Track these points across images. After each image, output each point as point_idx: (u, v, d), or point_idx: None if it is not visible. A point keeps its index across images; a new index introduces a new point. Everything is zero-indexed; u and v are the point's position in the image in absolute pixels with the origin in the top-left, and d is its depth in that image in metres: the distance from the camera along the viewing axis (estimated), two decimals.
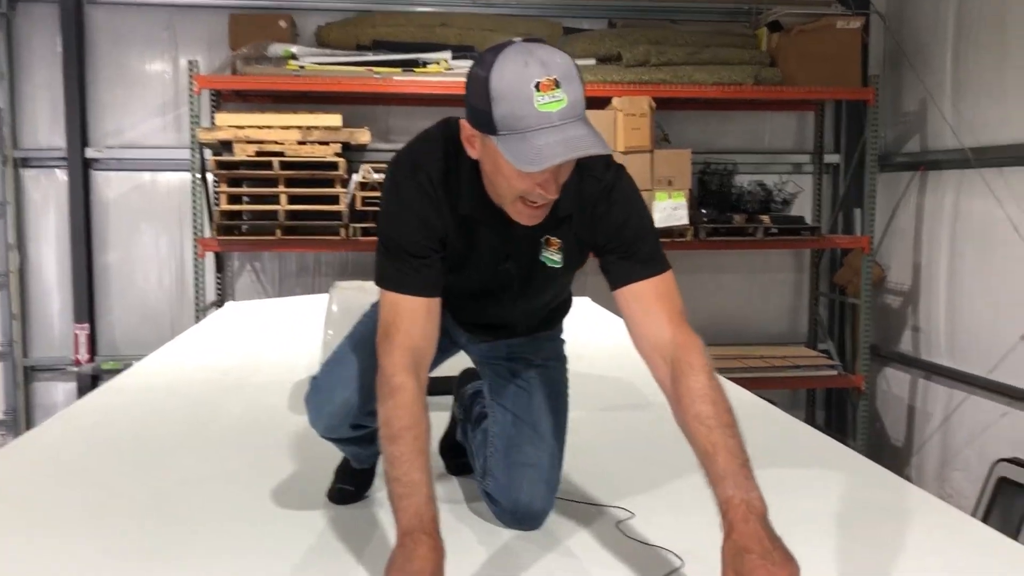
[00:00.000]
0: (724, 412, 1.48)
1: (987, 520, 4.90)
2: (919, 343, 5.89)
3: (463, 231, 1.68)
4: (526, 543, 1.86)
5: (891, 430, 6.18)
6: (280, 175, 5.20)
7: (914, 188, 5.89)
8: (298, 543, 1.86)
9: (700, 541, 1.68)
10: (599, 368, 3.42)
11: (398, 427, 1.55)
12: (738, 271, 6.37)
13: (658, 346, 1.59)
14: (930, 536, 1.92)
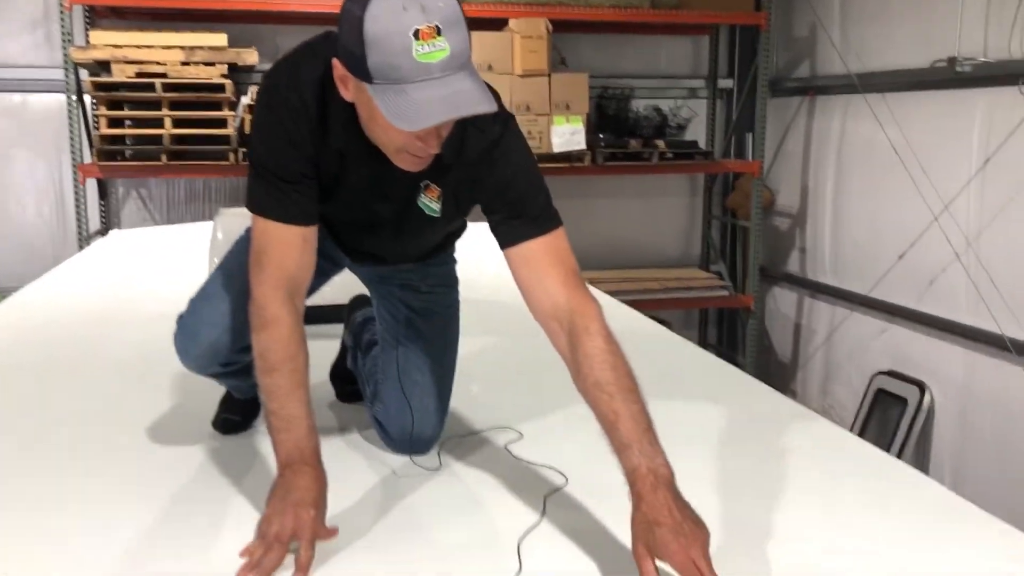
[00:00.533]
0: (624, 377, 1.44)
1: (865, 430, 5.19)
2: (805, 264, 6.11)
3: (336, 162, 1.60)
4: (414, 468, 1.87)
5: (778, 347, 6.44)
6: (163, 97, 4.96)
7: (803, 113, 6.03)
8: (179, 475, 1.83)
9: (584, 460, 1.73)
10: (495, 295, 3.44)
11: (274, 360, 1.51)
12: (634, 196, 6.45)
13: (553, 311, 1.53)
14: (811, 450, 2.02)
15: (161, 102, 4.98)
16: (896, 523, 1.65)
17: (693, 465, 1.78)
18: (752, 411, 2.29)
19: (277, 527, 1.41)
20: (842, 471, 1.91)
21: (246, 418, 2.03)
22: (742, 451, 1.99)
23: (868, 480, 1.87)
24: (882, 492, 1.81)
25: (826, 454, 2.01)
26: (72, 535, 1.57)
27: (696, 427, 2.12)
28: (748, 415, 2.26)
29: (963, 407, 4.70)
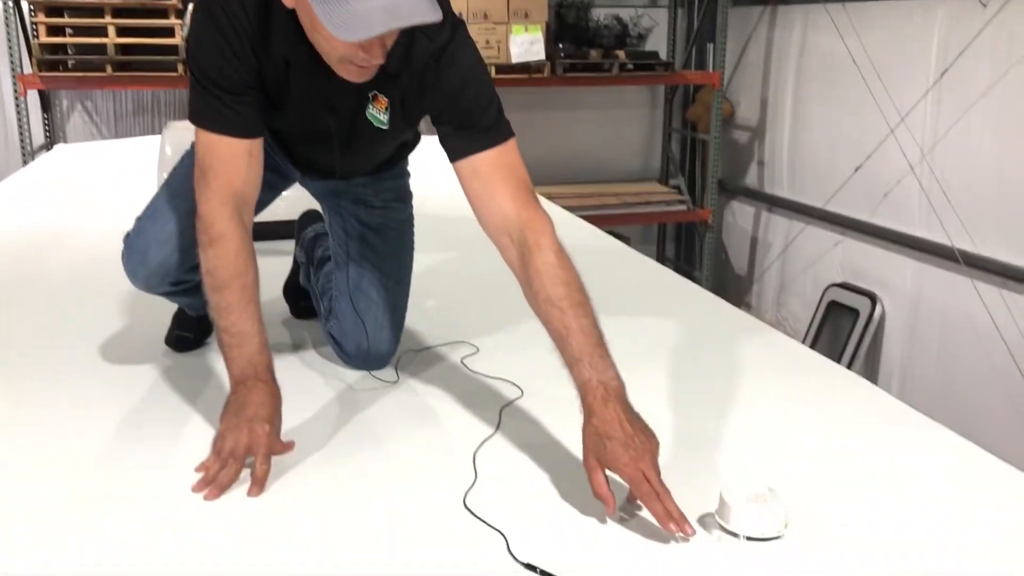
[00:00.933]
0: (576, 292, 1.42)
1: (817, 341, 5.31)
2: (763, 177, 6.13)
3: (280, 73, 1.54)
4: (371, 382, 1.88)
5: (735, 261, 6.50)
6: (106, 4, 4.75)
7: (764, 23, 5.96)
8: (132, 394, 1.81)
9: (539, 374, 1.75)
10: (450, 209, 3.41)
11: (223, 277, 1.49)
12: (594, 107, 6.37)
13: (504, 226, 1.49)
14: (764, 362, 2.05)
15: (104, 9, 4.77)
16: (845, 430, 1.69)
17: (647, 378, 1.81)
18: (707, 325, 2.32)
19: (231, 443, 1.42)
20: (793, 382, 1.95)
21: (199, 335, 2.01)
22: (695, 364, 2.02)
23: (818, 390, 1.91)
24: (831, 401, 1.85)
25: (778, 366, 2.05)
26: (22, 455, 1.55)
27: (651, 341, 2.14)
28: (703, 329, 2.29)
29: (912, 318, 4.81)
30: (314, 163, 1.82)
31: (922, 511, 1.40)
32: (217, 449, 1.43)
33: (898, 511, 1.39)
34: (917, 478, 1.51)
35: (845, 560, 1.25)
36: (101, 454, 1.57)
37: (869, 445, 1.64)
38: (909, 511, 1.40)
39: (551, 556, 1.23)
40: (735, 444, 1.61)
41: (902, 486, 1.48)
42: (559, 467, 1.50)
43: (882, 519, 1.36)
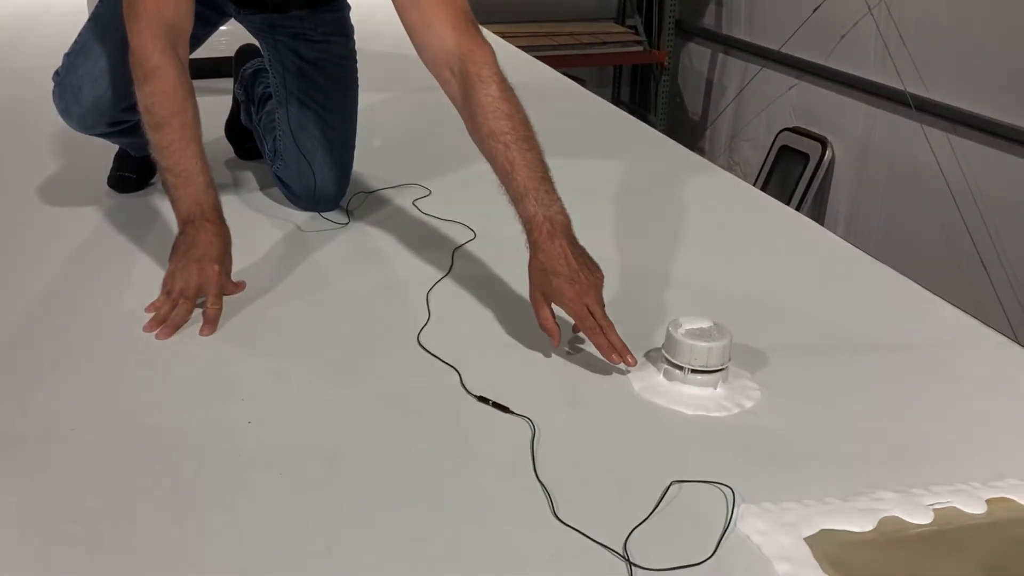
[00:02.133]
0: (520, 125, 1.36)
1: (767, 185, 5.35)
2: (721, 18, 5.99)
3: None
4: (321, 223, 1.86)
5: (690, 104, 6.44)
6: None
7: None
8: (74, 236, 1.78)
9: (491, 215, 1.74)
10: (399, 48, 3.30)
11: (162, 114, 1.44)
12: None
13: (443, 57, 1.41)
14: (714, 203, 2.07)
15: None
16: (790, 268, 1.74)
17: (595, 216, 1.82)
18: (658, 166, 2.32)
19: (182, 283, 1.41)
20: (741, 222, 1.98)
21: (142, 175, 1.95)
22: (645, 204, 2.04)
23: (766, 230, 1.94)
24: (778, 240, 1.88)
25: (728, 206, 2.07)
26: None
27: (602, 182, 2.14)
28: (654, 170, 2.29)
29: (861, 162, 4.86)
30: None
31: (856, 345, 1.46)
32: (168, 289, 1.42)
33: (836, 347, 1.45)
34: (856, 314, 1.57)
35: (786, 395, 1.30)
36: (46, 295, 1.55)
37: (812, 283, 1.68)
38: (844, 347, 1.45)
39: (502, 389, 1.27)
40: (682, 282, 1.64)
41: (842, 324, 1.53)
42: (510, 306, 1.52)
43: (821, 355, 1.42)
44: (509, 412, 1.23)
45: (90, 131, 1.77)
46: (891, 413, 1.27)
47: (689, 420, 1.23)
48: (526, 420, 1.21)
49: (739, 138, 5.93)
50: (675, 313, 1.35)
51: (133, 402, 1.25)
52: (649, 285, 1.62)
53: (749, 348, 1.38)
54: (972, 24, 4.04)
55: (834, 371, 1.37)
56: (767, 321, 1.51)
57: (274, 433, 1.19)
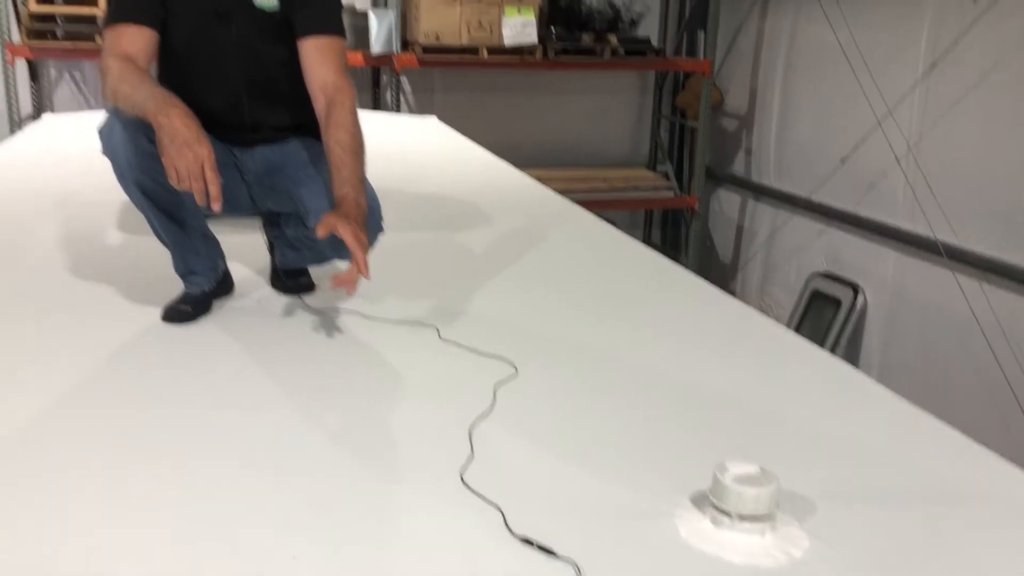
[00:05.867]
0: (356, 141, 1.87)
1: (800, 328, 5.36)
2: (751, 165, 6.17)
3: None
4: (363, 355, 1.89)
5: (720, 249, 6.55)
6: None
7: (756, 12, 5.98)
8: (132, 365, 1.82)
9: (531, 351, 1.78)
10: (440, 188, 3.42)
11: (118, 73, 1.78)
12: (584, 92, 6.38)
13: (323, 86, 1.94)
14: (751, 341, 2.09)
15: None
16: (829, 413, 1.73)
17: (635, 359, 1.84)
18: (692, 306, 2.35)
19: (184, 167, 1.67)
20: (779, 363, 1.99)
21: (196, 311, 2.02)
22: (683, 344, 2.05)
23: (803, 373, 1.94)
24: (816, 384, 1.89)
25: (764, 348, 2.08)
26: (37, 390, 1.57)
27: (638, 321, 2.17)
28: (688, 310, 2.31)
29: (893, 309, 4.88)
30: (219, 108, 1.97)
31: (902, 491, 1.44)
32: (177, 179, 1.68)
33: (879, 494, 1.43)
34: (898, 461, 1.55)
35: (833, 544, 1.28)
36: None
37: (851, 428, 1.68)
38: (888, 495, 1.44)
39: (546, 530, 1.26)
40: (728, 425, 1.65)
41: (884, 471, 1.52)
42: (554, 444, 1.53)
43: (865, 503, 1.40)
44: (553, 555, 1.22)
45: (142, 186, 1.85)
46: (932, 567, 1.24)
47: (737, 570, 1.21)
48: (571, 564, 1.20)
49: (770, 282, 5.99)
50: (721, 457, 1.35)
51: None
52: (697, 427, 1.62)
53: (796, 494, 1.37)
54: (1000, 174, 4.14)
55: (878, 519, 1.35)
56: (810, 466, 1.50)
57: (315, 568, 1.18)
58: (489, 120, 6.06)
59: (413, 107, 6.12)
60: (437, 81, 6.16)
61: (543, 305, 2.27)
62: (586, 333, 2.08)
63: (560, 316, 2.19)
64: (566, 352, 1.96)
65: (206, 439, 1.52)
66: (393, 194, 2.04)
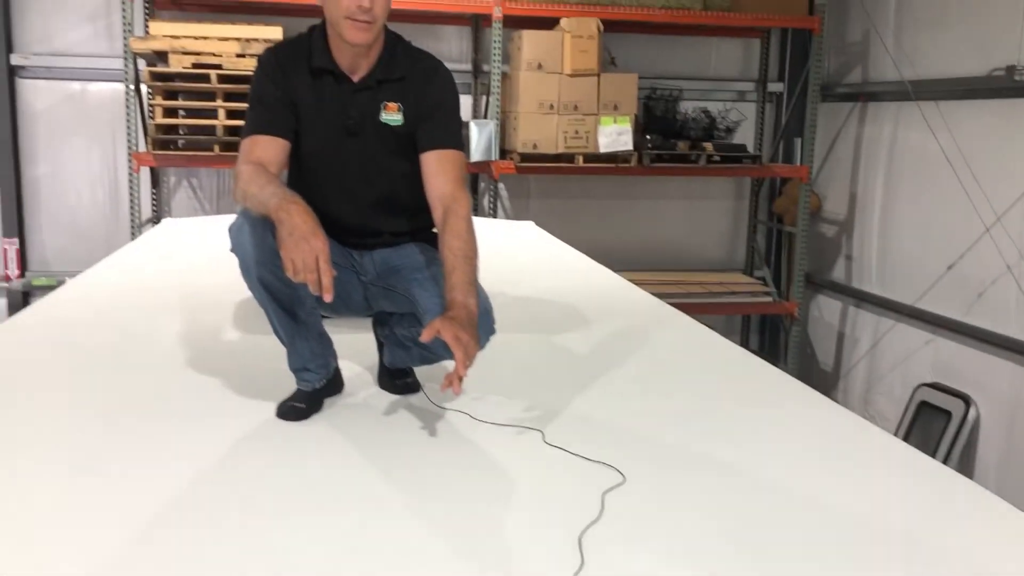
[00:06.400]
0: (470, 248, 1.95)
1: (907, 440, 5.14)
2: (851, 272, 6.06)
3: (314, 86, 2.05)
4: (472, 458, 1.90)
5: (821, 355, 6.39)
6: (218, 88, 5.04)
7: (854, 119, 5.98)
8: (249, 462, 1.87)
9: (640, 457, 1.75)
10: (539, 292, 3.46)
11: (248, 177, 1.92)
12: (680, 197, 6.43)
13: (441, 196, 2.05)
14: (861, 453, 2.02)
15: (216, 93, 5.06)
16: (949, 529, 1.64)
17: (736, 463, 1.79)
18: (800, 414, 2.28)
19: (300, 259, 1.75)
20: (888, 475, 1.91)
21: (310, 408, 2.08)
22: (784, 450, 1.99)
23: (917, 487, 1.86)
24: (933, 499, 1.80)
25: (871, 458, 2.00)
26: (108, 505, 1.61)
27: (746, 427, 2.12)
28: (796, 418, 2.25)
29: (1010, 422, 4.64)
30: (342, 214, 2.10)
31: None
32: (293, 271, 1.75)
33: None
34: None
35: None
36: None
37: (970, 541, 1.59)
38: None
39: None
40: (846, 539, 1.58)
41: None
42: (668, 557, 1.49)
43: None
44: None
45: (265, 278, 1.94)
46: None
47: None
48: None
49: (874, 392, 5.79)
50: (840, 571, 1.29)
51: None
52: (809, 538, 1.56)
53: None
54: None
55: None
56: None
57: None
58: (584, 225, 6.14)
59: (509, 212, 6.26)
60: (533, 187, 6.31)
61: (647, 410, 2.25)
62: (694, 439, 2.04)
63: (666, 422, 2.16)
64: (674, 459, 1.93)
65: (320, 536, 1.54)
66: (494, 297, 2.07)
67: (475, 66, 6.08)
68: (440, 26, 6.02)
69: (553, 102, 5.40)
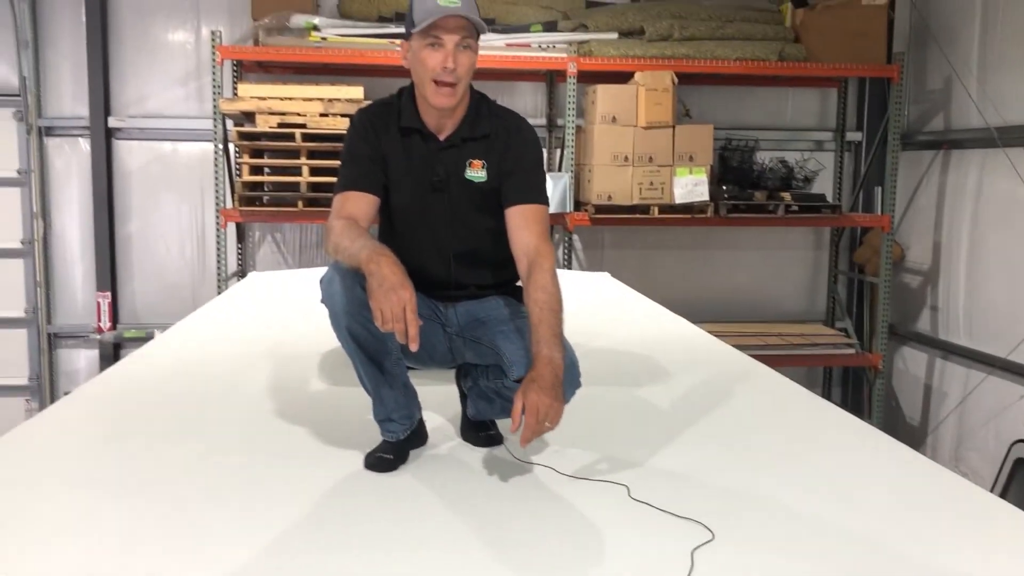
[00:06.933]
0: (555, 301, 1.99)
1: (1003, 499, 4.92)
2: (937, 323, 5.88)
3: (403, 144, 2.13)
4: (558, 518, 1.89)
5: (907, 409, 6.19)
6: (302, 147, 5.21)
7: (936, 167, 5.86)
8: (338, 511, 1.89)
9: (729, 511, 1.71)
10: (617, 343, 3.45)
11: (339, 231, 1.99)
12: (757, 248, 6.37)
13: (525, 249, 2.10)
14: (950, 508, 1.95)
15: (300, 151, 5.22)
16: None
17: (827, 518, 1.74)
18: (894, 471, 2.21)
19: (388, 310, 1.79)
20: (984, 532, 1.83)
21: (397, 459, 2.10)
22: (889, 509, 1.93)
23: (1018, 544, 1.78)
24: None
25: (964, 512, 1.93)
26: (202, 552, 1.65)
27: (837, 484, 2.06)
28: (891, 475, 2.18)
29: None
30: (430, 267, 2.16)
31: None
32: (382, 321, 1.80)
33: None
34: None
35: None
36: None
37: None
38: None
39: None
40: None
41: None
42: None
43: None
44: None
45: (353, 328, 1.98)
46: None
47: None
48: None
49: (965, 447, 5.57)
50: None
51: None
52: None
53: None
54: None
55: None
56: None
57: None
58: (659, 275, 6.12)
59: (584, 263, 6.27)
60: (607, 238, 6.32)
61: (734, 464, 2.21)
62: (782, 494, 1.99)
63: (753, 476, 2.12)
64: (764, 515, 1.88)
65: None
66: (574, 348, 2.08)
67: (549, 120, 6.17)
68: (516, 83, 6.13)
69: (628, 154, 5.43)
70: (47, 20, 5.81)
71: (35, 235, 5.91)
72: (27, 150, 5.86)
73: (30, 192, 5.89)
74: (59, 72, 5.87)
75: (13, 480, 2.03)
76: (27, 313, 6.02)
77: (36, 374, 6.07)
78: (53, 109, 5.89)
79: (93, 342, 6.03)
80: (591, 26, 5.60)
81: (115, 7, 5.83)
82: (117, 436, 2.36)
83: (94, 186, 5.89)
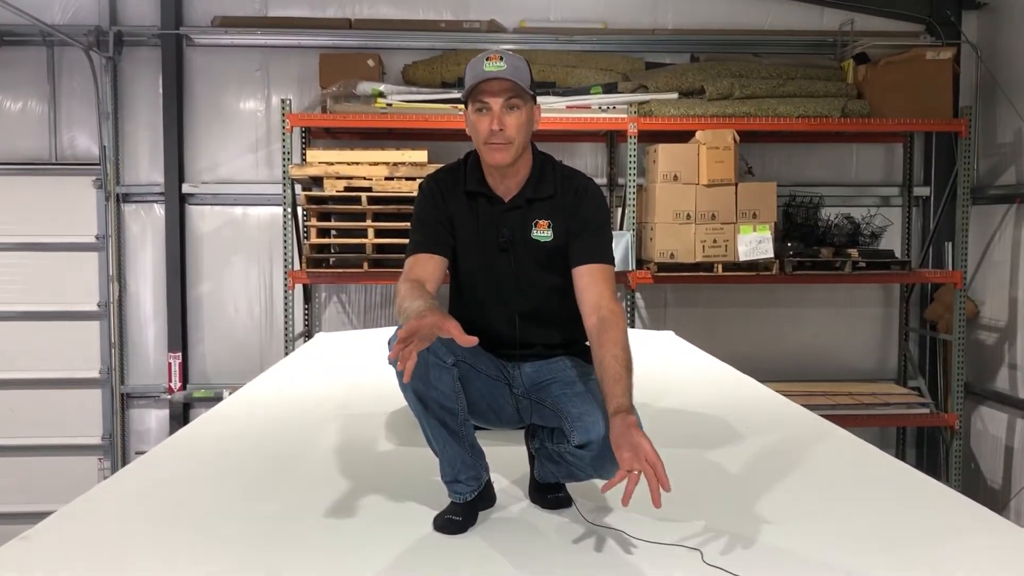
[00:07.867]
0: (628, 357, 2.01)
1: None
2: (1016, 381, 5.69)
3: (469, 207, 2.20)
4: None
5: (987, 471, 5.96)
6: (368, 209, 5.32)
7: (1010, 221, 5.73)
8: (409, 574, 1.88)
9: None
10: (685, 404, 3.40)
11: (404, 294, 2.02)
12: (824, 305, 6.26)
13: (596, 308, 2.10)
14: None
15: (365, 214, 5.33)
16: None
17: None
18: (969, 534, 2.12)
19: (401, 332, 1.80)
20: None
21: (466, 520, 2.09)
22: None
23: None
24: None
25: None
26: None
27: (924, 556, 1.99)
28: (963, 538, 2.09)
29: None
30: (497, 326, 2.19)
31: None
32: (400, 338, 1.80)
33: None
34: None
35: None
36: None
37: None
38: None
39: None
40: None
41: None
42: None
43: None
44: None
45: (408, 388, 2.01)
46: None
47: None
48: None
49: None
50: None
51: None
52: None
53: None
54: None
55: None
56: None
57: None
58: (724, 334, 6.04)
59: (646, 322, 6.24)
60: (670, 296, 6.28)
61: (809, 529, 2.14)
62: (860, 561, 1.93)
63: (830, 542, 2.05)
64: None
65: None
66: (640, 408, 2.05)
67: (610, 179, 6.20)
68: (576, 143, 6.20)
69: (690, 212, 5.42)
70: (127, 92, 6.08)
71: (111, 298, 6.10)
72: (105, 216, 6.09)
73: (107, 256, 6.10)
74: (136, 141, 6.11)
75: (96, 539, 2.07)
76: (102, 374, 6.19)
77: (109, 433, 6.22)
78: (131, 177, 6.13)
79: (164, 402, 6.17)
80: (651, 87, 5.65)
81: (190, 78, 6.08)
82: (190, 500, 2.39)
83: (167, 250, 6.08)
